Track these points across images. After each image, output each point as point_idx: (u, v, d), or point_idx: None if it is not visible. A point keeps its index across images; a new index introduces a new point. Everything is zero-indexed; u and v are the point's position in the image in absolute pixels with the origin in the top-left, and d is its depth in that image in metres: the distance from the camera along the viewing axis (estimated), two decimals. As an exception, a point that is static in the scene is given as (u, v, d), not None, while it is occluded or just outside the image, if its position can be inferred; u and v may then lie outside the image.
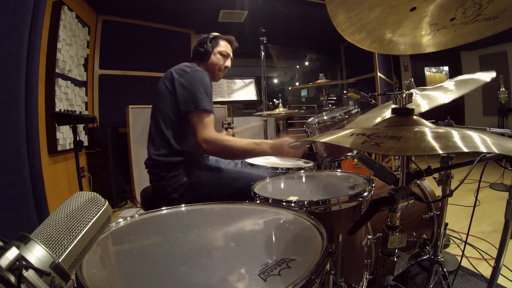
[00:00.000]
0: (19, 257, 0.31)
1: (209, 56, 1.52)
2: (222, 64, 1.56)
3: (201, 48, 1.51)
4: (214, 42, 1.54)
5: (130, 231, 0.76)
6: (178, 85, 1.35)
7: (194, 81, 1.34)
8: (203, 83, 1.34)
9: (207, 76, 1.39)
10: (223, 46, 1.56)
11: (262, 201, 0.93)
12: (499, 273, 0.93)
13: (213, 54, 1.53)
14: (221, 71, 1.58)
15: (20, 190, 1.43)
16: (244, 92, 3.21)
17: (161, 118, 1.39)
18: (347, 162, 2.91)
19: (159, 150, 1.37)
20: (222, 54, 1.55)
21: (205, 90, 1.33)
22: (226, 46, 1.58)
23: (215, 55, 1.54)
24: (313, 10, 3.80)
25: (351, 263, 0.97)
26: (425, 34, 0.73)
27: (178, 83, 1.35)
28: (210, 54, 1.52)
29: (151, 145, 1.41)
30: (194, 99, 1.30)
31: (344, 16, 0.72)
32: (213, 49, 1.53)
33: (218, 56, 1.54)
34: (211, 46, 1.52)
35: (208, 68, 1.53)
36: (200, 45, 1.52)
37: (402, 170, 0.79)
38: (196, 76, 1.36)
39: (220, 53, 1.55)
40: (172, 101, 1.35)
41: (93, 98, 3.33)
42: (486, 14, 0.60)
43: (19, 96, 1.43)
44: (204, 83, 1.34)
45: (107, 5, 3.27)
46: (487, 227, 2.09)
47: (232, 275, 0.53)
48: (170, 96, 1.36)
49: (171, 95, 1.36)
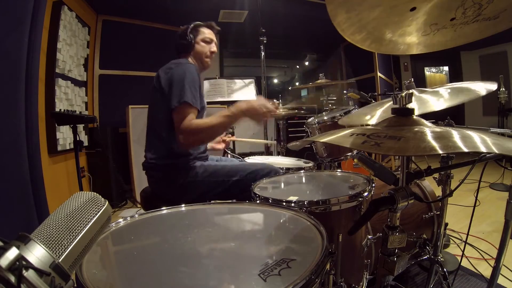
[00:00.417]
0: (19, 257, 0.31)
1: (193, 46, 1.49)
2: (207, 51, 1.52)
3: (183, 41, 1.49)
4: (195, 31, 1.51)
5: (130, 231, 0.76)
6: (164, 83, 1.32)
7: (178, 77, 1.30)
8: (187, 78, 1.30)
9: (194, 69, 1.35)
10: (205, 33, 1.53)
11: (262, 201, 0.93)
12: (499, 273, 0.93)
13: (196, 43, 1.50)
14: (209, 58, 1.55)
15: (20, 190, 1.43)
16: (244, 92, 3.21)
17: (154, 120, 1.38)
18: (347, 162, 2.91)
19: (155, 153, 1.36)
20: (205, 41, 1.52)
21: (190, 84, 1.29)
22: (208, 32, 1.54)
23: (199, 44, 1.50)
24: (313, 10, 3.80)
25: (351, 263, 0.97)
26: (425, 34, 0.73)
27: (164, 81, 1.33)
28: (193, 44, 1.49)
29: (147, 149, 1.40)
30: (177, 94, 1.26)
31: (344, 16, 0.72)
32: (195, 38, 1.50)
33: (202, 43, 1.51)
34: (192, 36, 1.49)
35: (195, 58, 1.51)
36: (182, 38, 1.49)
37: (402, 170, 0.79)
38: (180, 71, 1.32)
39: (203, 40, 1.51)
40: (162, 101, 1.32)
41: (93, 98, 3.33)
42: (486, 14, 0.60)
43: (19, 96, 1.43)
44: (189, 77, 1.30)
45: (107, 5, 3.28)
46: (487, 227, 2.09)
47: (232, 275, 0.53)
48: (159, 95, 1.34)
49: (161, 95, 1.33)
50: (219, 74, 4.10)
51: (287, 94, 6.45)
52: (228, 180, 1.33)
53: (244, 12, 3.79)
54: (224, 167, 1.38)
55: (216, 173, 1.35)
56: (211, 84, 3.13)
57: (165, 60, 1.45)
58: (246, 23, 4.02)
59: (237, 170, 1.35)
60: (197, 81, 1.34)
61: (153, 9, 3.48)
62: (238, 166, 1.38)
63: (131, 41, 3.61)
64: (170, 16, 3.66)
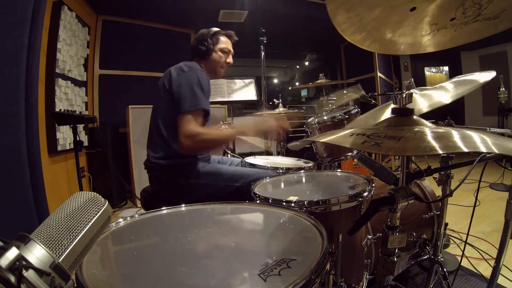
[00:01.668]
0: (19, 257, 0.31)
1: (210, 54, 1.48)
2: (224, 61, 1.52)
3: (201, 46, 1.47)
4: (215, 39, 1.49)
5: (130, 231, 0.76)
6: (175, 84, 1.32)
7: (190, 81, 1.30)
8: (199, 84, 1.30)
9: (205, 76, 1.36)
10: (223, 42, 1.51)
11: (262, 201, 0.93)
12: (499, 273, 0.93)
13: (214, 51, 1.49)
14: (223, 68, 1.55)
15: (20, 190, 1.43)
16: (244, 92, 3.21)
17: (160, 119, 1.37)
18: (347, 162, 2.91)
19: (158, 153, 1.35)
20: (224, 51, 1.51)
21: (201, 90, 1.30)
22: (227, 42, 1.53)
23: (216, 53, 1.49)
24: (313, 10, 3.80)
25: (351, 263, 0.97)
26: (425, 34, 0.73)
27: (175, 82, 1.32)
28: (211, 52, 1.48)
29: (150, 147, 1.39)
30: (188, 99, 1.27)
31: (344, 16, 0.72)
32: (214, 46, 1.48)
33: (220, 53, 1.50)
34: (211, 43, 1.47)
35: (209, 65, 1.50)
36: (200, 43, 1.47)
37: (402, 170, 0.79)
38: (193, 76, 1.32)
39: (222, 50, 1.50)
40: (170, 101, 1.32)
41: (93, 98, 3.33)
42: (486, 14, 0.60)
43: (19, 96, 1.43)
44: (201, 84, 1.31)
45: (107, 5, 3.27)
46: (487, 227, 2.09)
47: (232, 275, 0.53)
48: (168, 95, 1.33)
49: (169, 94, 1.33)
50: (219, 74, 4.10)
51: (287, 94, 6.46)
52: (231, 185, 1.33)
53: (244, 12, 3.79)
54: (227, 171, 1.38)
55: (218, 178, 1.35)
56: (211, 84, 3.13)
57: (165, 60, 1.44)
58: (246, 23, 4.02)
59: (241, 176, 1.34)
60: (207, 88, 1.35)
61: (153, 9, 3.47)
62: (241, 172, 1.38)
63: (131, 41, 3.61)
64: (170, 16, 3.66)
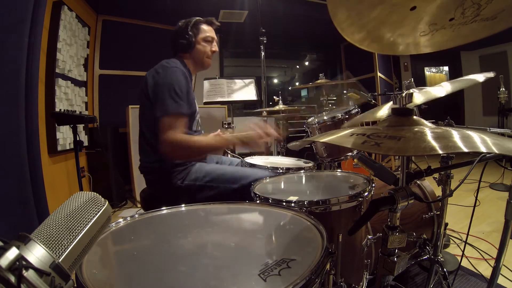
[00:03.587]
0: (19, 257, 0.31)
1: (193, 46, 1.40)
2: (208, 51, 1.44)
3: (183, 40, 1.38)
4: (195, 29, 1.40)
5: (130, 231, 0.76)
6: (150, 90, 1.26)
7: (164, 83, 1.23)
8: (174, 85, 1.22)
9: (181, 74, 1.27)
10: (205, 31, 1.43)
11: (262, 201, 0.93)
12: (499, 273, 0.93)
13: (197, 43, 1.40)
14: (209, 58, 1.47)
15: (20, 190, 1.43)
16: (244, 92, 3.20)
17: (144, 124, 1.33)
18: (347, 162, 2.91)
19: (148, 157, 1.33)
20: (207, 40, 1.42)
21: (176, 93, 1.21)
22: (209, 30, 1.44)
23: (200, 44, 1.41)
24: (313, 10, 3.80)
25: (351, 263, 0.97)
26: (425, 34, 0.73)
27: (150, 85, 1.27)
28: (194, 43, 1.39)
29: (140, 152, 1.37)
30: (163, 104, 1.20)
31: (345, 14, 0.72)
32: (196, 37, 1.40)
33: (203, 43, 1.41)
34: (193, 35, 1.38)
35: (194, 58, 1.43)
36: (181, 37, 1.38)
37: (402, 170, 0.79)
38: (165, 78, 1.24)
39: (205, 39, 1.42)
40: (149, 105, 1.26)
41: (93, 98, 3.33)
42: (484, 14, 0.59)
43: (19, 96, 1.44)
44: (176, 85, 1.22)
45: (107, 5, 3.28)
46: (487, 227, 2.09)
47: (232, 275, 0.53)
48: (146, 100, 1.28)
49: (146, 99, 1.28)
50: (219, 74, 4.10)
51: (287, 94, 6.46)
52: (230, 186, 1.29)
53: (244, 12, 3.79)
54: (225, 172, 1.34)
55: (217, 179, 1.31)
56: (211, 84, 3.13)
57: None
58: (246, 23, 4.02)
59: (239, 177, 1.30)
60: (184, 87, 1.26)
61: (153, 9, 3.48)
62: (240, 173, 1.33)
63: (131, 41, 3.61)
64: (170, 16, 3.64)
